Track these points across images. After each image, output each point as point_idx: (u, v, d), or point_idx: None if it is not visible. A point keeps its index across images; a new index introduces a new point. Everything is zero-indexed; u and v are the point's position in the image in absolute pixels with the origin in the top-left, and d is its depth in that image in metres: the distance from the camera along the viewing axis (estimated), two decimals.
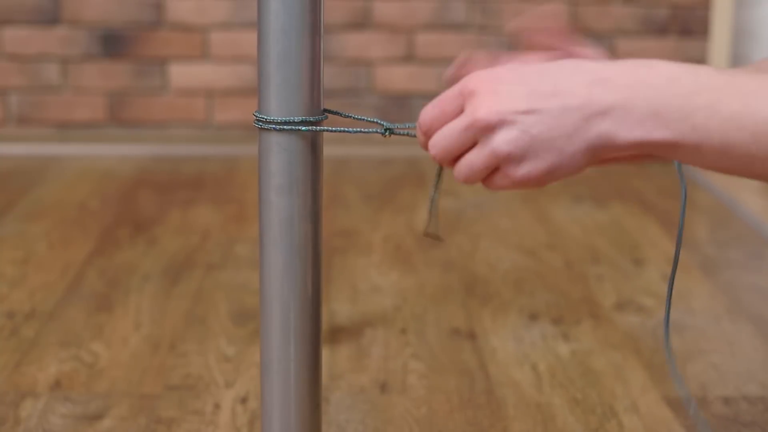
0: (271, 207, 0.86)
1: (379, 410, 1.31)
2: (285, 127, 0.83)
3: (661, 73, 0.68)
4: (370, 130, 0.87)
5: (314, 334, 0.89)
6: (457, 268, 1.84)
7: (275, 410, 0.89)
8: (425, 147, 0.79)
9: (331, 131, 0.86)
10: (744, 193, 2.31)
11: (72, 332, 1.53)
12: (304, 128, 0.83)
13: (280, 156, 0.84)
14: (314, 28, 0.83)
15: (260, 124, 0.84)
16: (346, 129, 0.87)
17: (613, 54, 2.72)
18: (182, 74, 2.67)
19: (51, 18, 2.63)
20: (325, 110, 0.86)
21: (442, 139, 0.75)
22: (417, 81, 2.71)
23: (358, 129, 0.87)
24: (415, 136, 0.86)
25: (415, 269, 1.83)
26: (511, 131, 0.70)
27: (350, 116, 0.89)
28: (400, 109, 2.71)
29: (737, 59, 2.72)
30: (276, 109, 0.83)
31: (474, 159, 0.73)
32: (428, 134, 0.77)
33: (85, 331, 1.53)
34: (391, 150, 2.65)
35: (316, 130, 0.84)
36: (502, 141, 0.71)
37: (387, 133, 0.87)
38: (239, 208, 2.18)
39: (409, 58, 2.70)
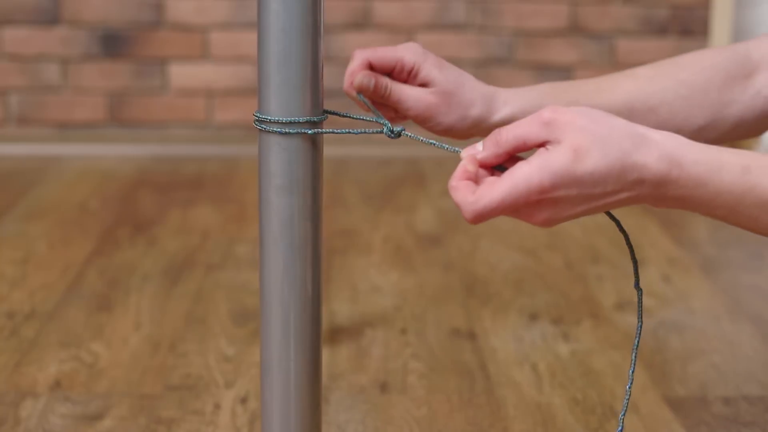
0: (271, 207, 0.86)
1: (379, 410, 1.31)
2: (286, 129, 0.83)
3: (690, 176, 0.76)
4: (373, 130, 0.87)
5: (314, 334, 0.89)
6: (457, 268, 1.83)
7: (275, 410, 0.89)
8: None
9: (335, 133, 0.86)
10: None
11: (72, 332, 1.53)
12: (309, 131, 0.83)
13: (280, 156, 0.84)
14: (314, 28, 0.83)
15: (260, 124, 0.84)
16: (349, 130, 0.87)
17: (614, 54, 2.72)
18: (182, 74, 2.67)
19: (51, 18, 2.63)
20: (325, 111, 0.86)
21: (489, 191, 0.77)
22: None
23: (362, 130, 0.87)
24: (411, 137, 0.86)
25: (415, 269, 1.83)
26: (550, 215, 0.78)
27: (348, 116, 0.89)
28: None
29: None
30: (276, 110, 0.83)
31: (498, 207, 0.77)
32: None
33: (85, 331, 1.53)
34: (391, 150, 2.65)
35: (318, 133, 0.84)
36: (538, 219, 0.78)
37: (393, 135, 0.86)
38: (239, 208, 2.18)
39: None
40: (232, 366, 1.43)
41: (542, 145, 0.77)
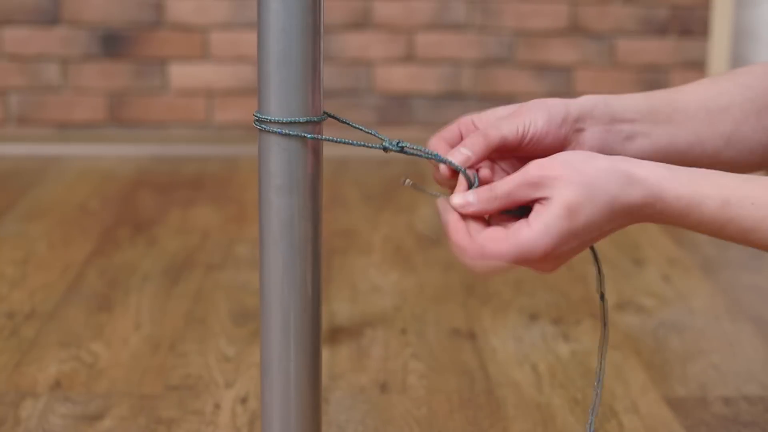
0: (271, 207, 0.86)
1: (379, 410, 1.31)
2: (285, 129, 0.83)
3: (673, 210, 0.80)
4: (373, 144, 0.88)
5: (314, 334, 0.89)
6: (457, 268, 1.83)
7: (275, 410, 0.89)
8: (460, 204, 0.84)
9: (334, 141, 0.86)
10: None
11: (72, 332, 1.53)
12: (309, 135, 0.84)
13: (280, 156, 0.84)
14: (314, 28, 0.83)
15: (260, 124, 0.84)
16: (349, 141, 0.88)
17: (613, 54, 2.72)
18: (182, 74, 2.67)
19: (51, 18, 2.63)
20: (326, 113, 0.86)
21: (492, 249, 0.79)
22: (417, 81, 2.71)
23: (362, 143, 0.88)
24: (425, 156, 0.86)
25: (415, 269, 1.83)
26: (555, 265, 0.82)
27: (348, 122, 0.89)
28: (400, 109, 2.71)
29: (737, 59, 2.72)
30: (276, 110, 0.83)
31: (503, 259, 0.80)
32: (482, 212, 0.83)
33: (85, 331, 1.53)
34: None
35: (317, 139, 0.84)
36: (544, 269, 0.81)
37: (395, 148, 0.87)
38: (239, 208, 2.18)
39: (409, 58, 2.70)
40: (232, 366, 1.43)
41: (533, 201, 0.80)
